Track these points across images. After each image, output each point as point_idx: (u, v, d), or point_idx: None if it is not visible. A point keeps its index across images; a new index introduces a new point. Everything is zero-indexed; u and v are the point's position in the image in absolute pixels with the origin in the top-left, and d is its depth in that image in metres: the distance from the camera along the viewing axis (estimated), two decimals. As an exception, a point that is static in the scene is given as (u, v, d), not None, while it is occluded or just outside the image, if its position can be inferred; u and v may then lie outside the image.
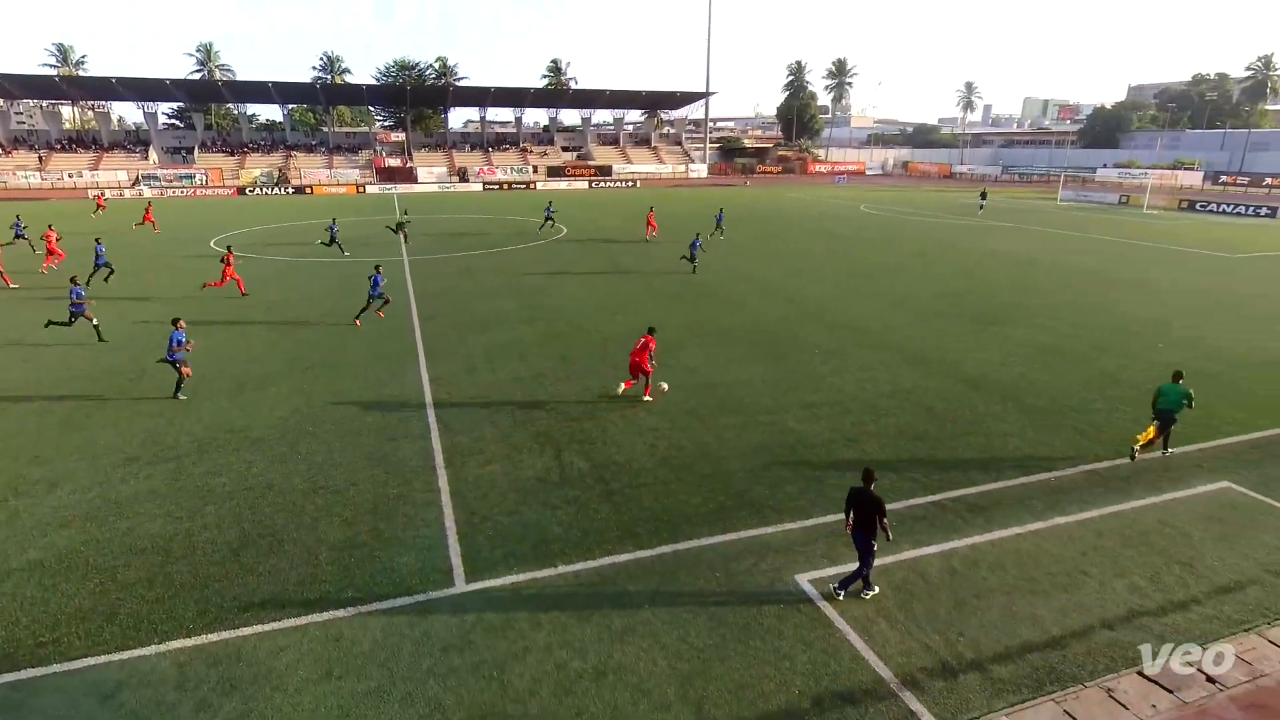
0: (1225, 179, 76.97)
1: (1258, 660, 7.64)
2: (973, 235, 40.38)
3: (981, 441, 12.77)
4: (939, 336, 19.42)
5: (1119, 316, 21.75)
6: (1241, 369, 16.79)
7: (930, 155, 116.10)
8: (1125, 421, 13.60)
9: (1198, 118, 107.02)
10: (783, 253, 33.67)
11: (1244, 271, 29.89)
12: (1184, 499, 10.82)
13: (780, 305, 23.06)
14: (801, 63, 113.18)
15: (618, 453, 12.34)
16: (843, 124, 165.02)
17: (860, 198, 66.60)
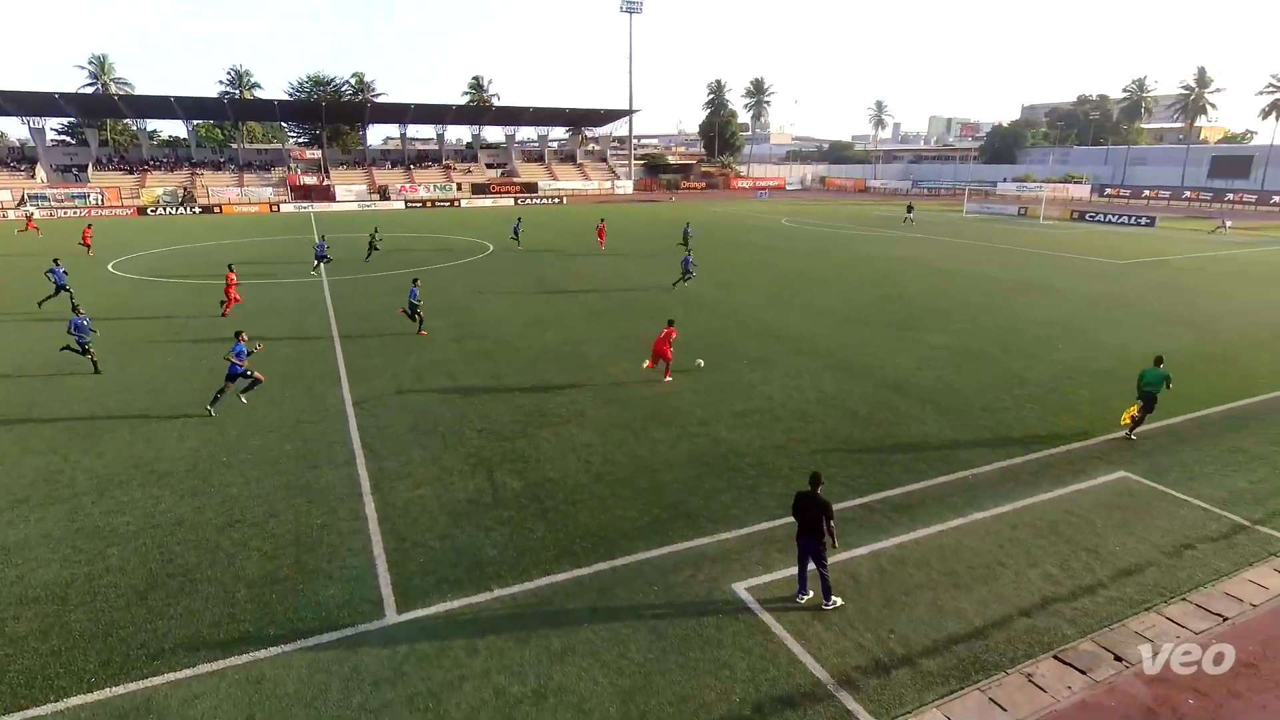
0: (1110, 191, 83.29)
1: (1158, 636, 8.19)
2: (889, 246, 42.18)
3: (904, 443, 13.29)
4: (861, 343, 20.15)
5: (1022, 320, 23.12)
6: (1132, 366, 18.04)
7: (846, 171, 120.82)
8: (1032, 419, 14.44)
9: (1084, 135, 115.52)
10: (709, 266, 34.26)
11: (1130, 276, 32.35)
12: (1087, 489, 11.54)
13: (708, 316, 23.43)
14: (721, 81, 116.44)
15: (551, 470, 12.22)
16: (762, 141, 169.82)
17: (782, 212, 68.61)
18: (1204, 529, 10.39)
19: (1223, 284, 30.16)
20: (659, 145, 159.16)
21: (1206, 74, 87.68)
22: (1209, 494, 11.38)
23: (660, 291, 27.96)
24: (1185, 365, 18.14)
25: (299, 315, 24.03)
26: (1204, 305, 25.65)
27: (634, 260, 36.39)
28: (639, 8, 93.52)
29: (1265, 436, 13.64)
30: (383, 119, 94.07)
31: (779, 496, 11.25)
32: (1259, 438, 13.58)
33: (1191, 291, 28.41)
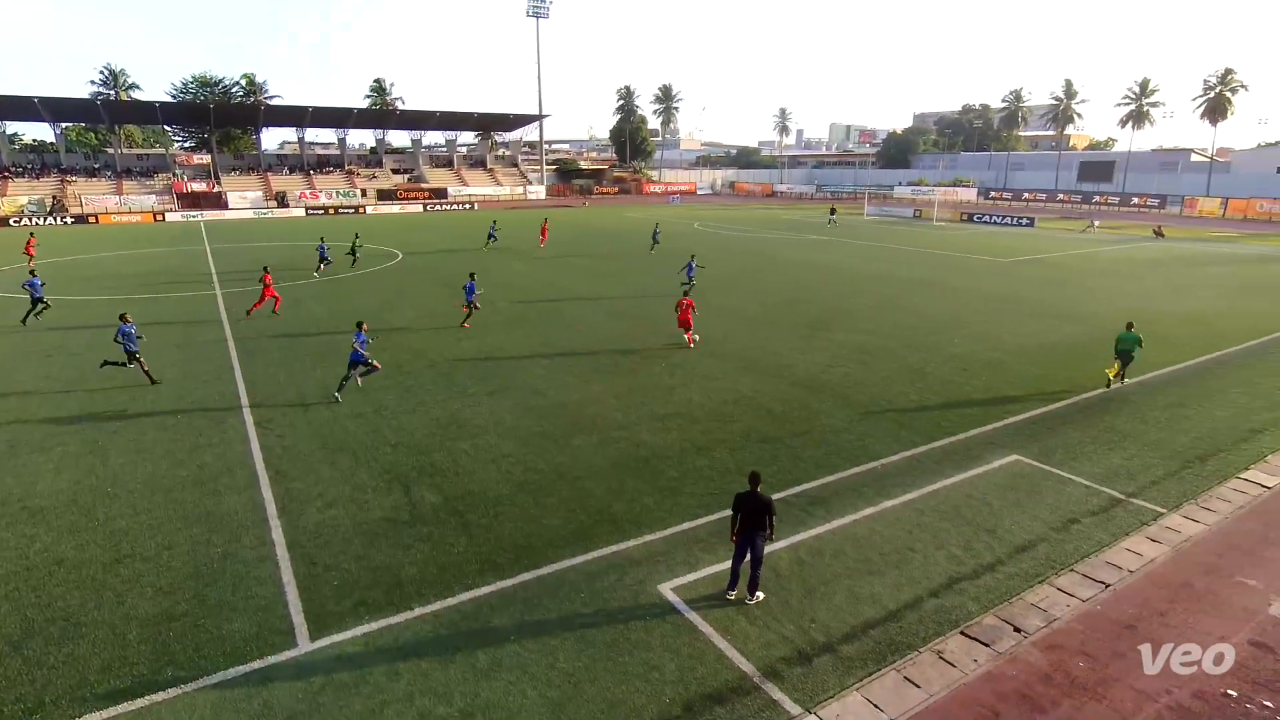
0: (994, 194, 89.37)
1: (1051, 606, 8.83)
2: (797, 249, 43.67)
3: (817, 439, 13.78)
4: (773, 343, 20.75)
5: (921, 316, 24.45)
6: (1020, 357, 19.48)
7: (754, 176, 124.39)
8: (933, 410, 15.28)
9: (969, 142, 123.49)
10: (622, 271, 34.46)
11: (1016, 273, 34.80)
12: (984, 473, 12.32)
13: (622, 322, 23.55)
14: (630, 88, 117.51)
15: (471, 482, 11.95)
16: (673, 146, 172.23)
17: (693, 216, 69.82)
18: (1086, 504, 11.29)
19: (1092, 279, 32.90)
20: (571, 150, 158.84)
21: (1073, 86, 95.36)
22: (1090, 471, 12.37)
23: (579, 298, 27.88)
24: (1062, 355, 19.68)
25: (192, 330, 22.51)
26: (1077, 299, 27.89)
27: (548, 264, 36.13)
28: (545, 13, 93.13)
29: (1135, 416, 14.96)
30: (279, 122, 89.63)
31: (701, 496, 11.42)
32: (1130, 417, 14.89)
33: (1066, 286, 30.83)
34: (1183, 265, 38.10)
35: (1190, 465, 12.66)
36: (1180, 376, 17.84)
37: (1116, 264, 38.13)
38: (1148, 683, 7.61)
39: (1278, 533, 10.55)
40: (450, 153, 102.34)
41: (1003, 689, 7.53)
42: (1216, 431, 14.17)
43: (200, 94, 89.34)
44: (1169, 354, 19.65)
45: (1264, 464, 12.73)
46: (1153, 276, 34.00)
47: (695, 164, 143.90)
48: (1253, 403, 15.87)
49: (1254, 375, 17.93)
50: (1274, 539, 10.39)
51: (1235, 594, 9.13)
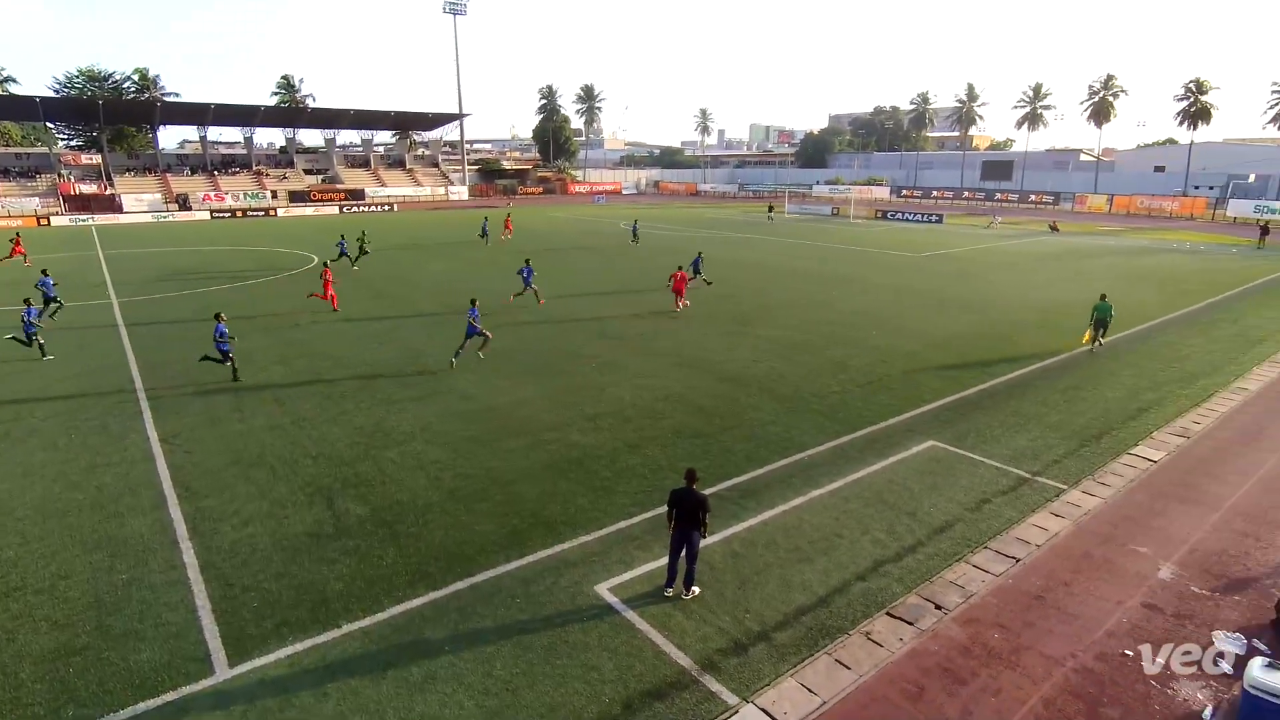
0: (905, 192, 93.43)
1: (968, 583, 9.32)
2: (721, 247, 44.42)
3: (746, 433, 14.07)
4: (701, 340, 21.05)
5: (841, 311, 25.33)
6: (932, 347, 20.44)
7: (678, 175, 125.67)
8: (855, 402, 15.85)
9: (882, 142, 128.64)
10: (548, 270, 34.20)
11: (927, 267, 36.50)
12: (904, 459, 12.88)
13: (550, 322, 23.39)
14: (553, 87, 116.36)
15: (399, 492, 11.61)
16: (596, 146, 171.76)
17: (619, 215, 69.96)
18: (997, 484, 11.97)
19: (995, 273, 34.88)
20: (493, 150, 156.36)
21: (974, 89, 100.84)
22: (999, 453, 13.12)
23: (501, 297, 27.50)
24: (971, 343, 20.78)
25: (87, 341, 20.95)
26: (983, 291, 29.51)
27: (474, 266, 35.48)
28: (462, 9, 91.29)
29: (1036, 400, 15.96)
30: (178, 120, 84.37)
31: (634, 495, 11.47)
32: (1032, 401, 15.87)
33: (973, 279, 32.58)
34: (1075, 258, 40.87)
35: (1087, 444, 13.60)
36: (1076, 361, 19.13)
37: (1017, 258, 40.54)
38: (1056, 648, 8.13)
39: (1163, 503, 11.48)
40: (367, 153, 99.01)
41: (926, 664, 7.90)
42: (1109, 412, 15.28)
43: (88, 89, 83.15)
44: (1065, 340, 21.04)
45: (1150, 440, 13.82)
46: (1049, 268, 36.33)
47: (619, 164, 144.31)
48: (1139, 383, 17.19)
49: (1139, 358, 19.42)
50: (1160, 509, 11.29)
51: (1129, 561, 9.88)
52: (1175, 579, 9.46)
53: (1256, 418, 15.15)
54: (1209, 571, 9.62)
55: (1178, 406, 15.61)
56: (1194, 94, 76.46)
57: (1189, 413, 15.28)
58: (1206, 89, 76.00)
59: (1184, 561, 9.84)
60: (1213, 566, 9.72)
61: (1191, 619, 8.64)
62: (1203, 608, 8.86)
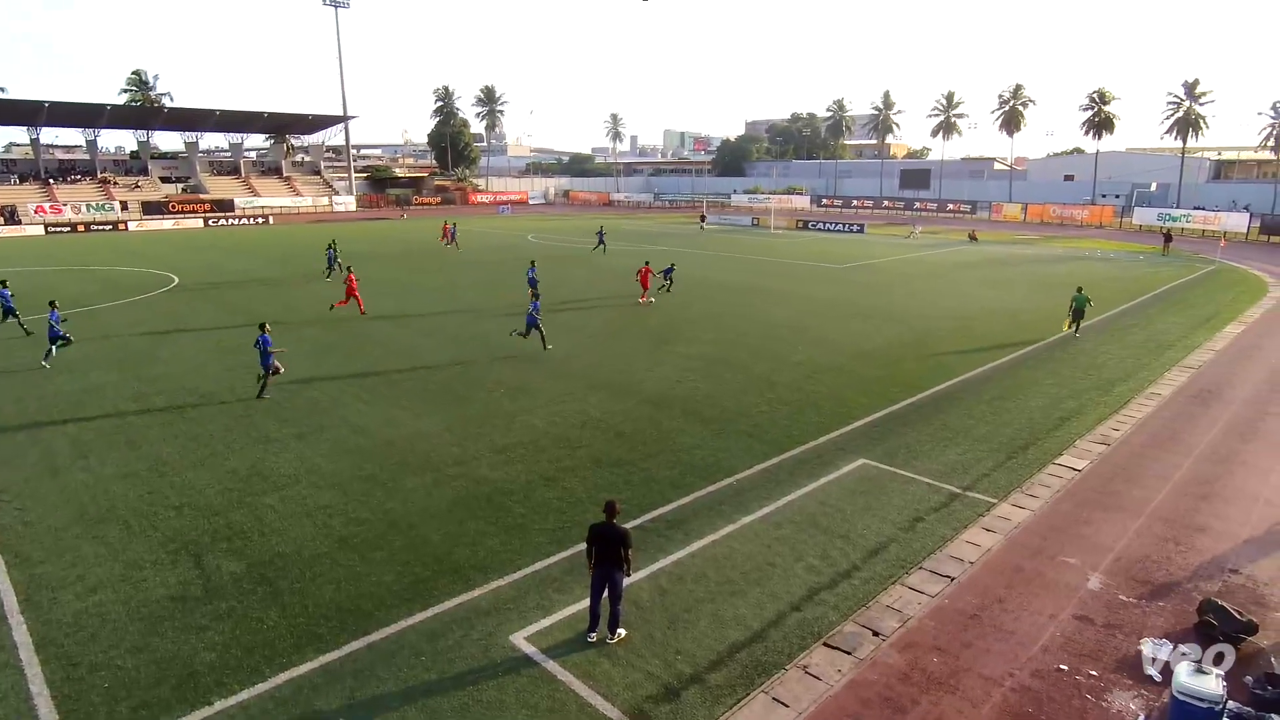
0: (826, 201, 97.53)
1: (904, 606, 9.67)
2: (637, 259, 44.88)
3: (671, 458, 14.16)
4: (619, 360, 21.14)
5: (764, 325, 26.04)
6: (859, 360, 21.30)
7: (590, 184, 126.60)
8: (783, 420, 16.26)
9: (800, 149, 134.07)
10: (445, 287, 33.62)
11: (850, 278, 38.12)
12: (835, 479, 13.29)
13: (451, 345, 22.94)
14: (450, 88, 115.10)
15: (281, 543, 11.00)
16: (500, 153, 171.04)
17: (526, 227, 69.72)
18: (929, 501, 12.52)
19: (917, 283, 36.83)
20: (384, 157, 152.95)
21: (890, 96, 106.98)
22: (929, 469, 13.75)
23: (397, 317, 26.75)
24: (896, 357, 21.79)
25: (-119, 385, 18.89)
26: (905, 302, 31.08)
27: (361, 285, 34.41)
28: (345, 2, 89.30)
29: (964, 413, 16.86)
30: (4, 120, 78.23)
31: (551, 532, 11.32)
32: (960, 414, 16.75)
33: (895, 290, 34.27)
34: (994, 267, 43.69)
35: (1014, 456, 14.46)
36: (999, 371, 20.38)
37: (939, 267, 42.95)
38: (994, 668, 8.54)
39: (1088, 512, 12.32)
40: (237, 158, 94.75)
41: (866, 695, 8.11)
42: (1033, 421, 16.33)
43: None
44: (988, 351, 22.39)
45: (1074, 449, 14.84)
46: (969, 277, 38.67)
47: (525, 172, 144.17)
48: (1060, 391, 18.47)
49: (1059, 366, 20.89)
50: (1085, 518, 12.11)
51: (1059, 573, 10.52)
52: (1103, 589, 10.14)
53: (1169, 422, 16.54)
54: (1134, 579, 10.36)
55: (1097, 414, 16.85)
56: (1097, 104, 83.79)
57: (1108, 420, 16.51)
58: (1109, 99, 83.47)
59: (1111, 570, 10.57)
60: (1138, 573, 10.49)
61: (1121, 628, 9.26)
62: (1131, 616, 9.52)
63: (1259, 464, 14.35)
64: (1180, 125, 78.82)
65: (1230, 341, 24.29)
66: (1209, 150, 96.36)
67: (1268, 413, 17.36)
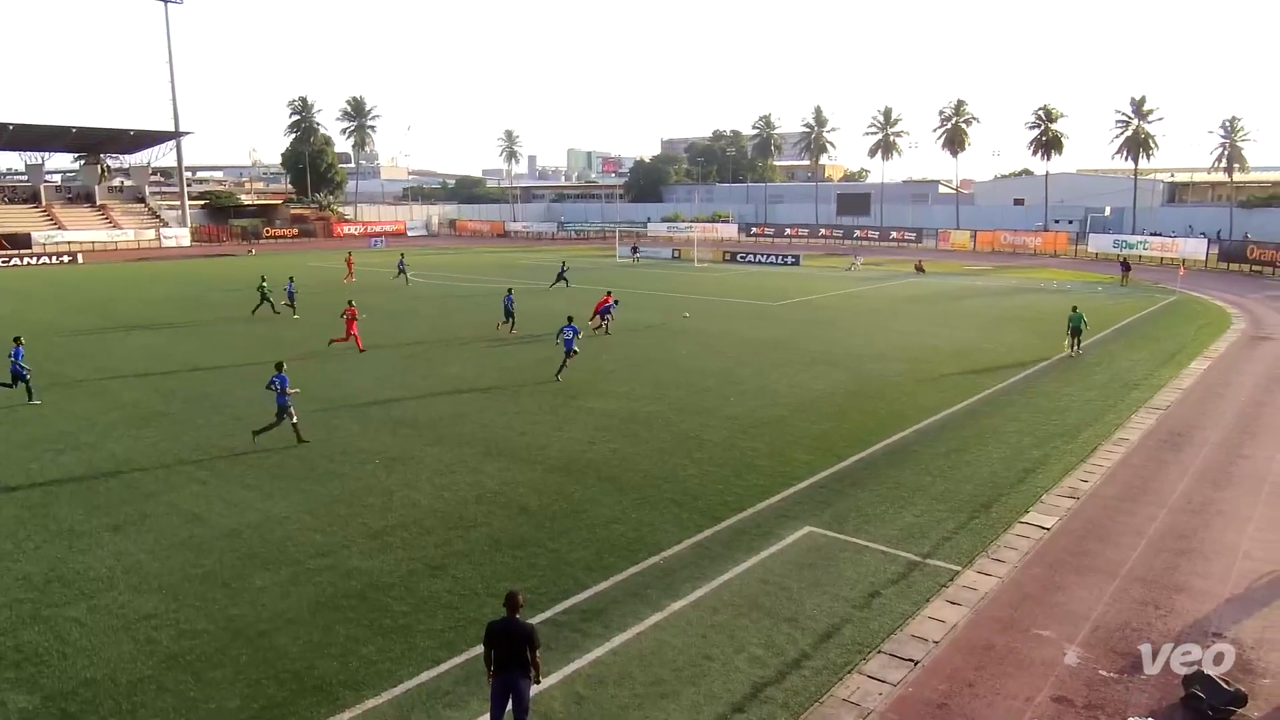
0: (755, 230, 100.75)
1: (863, 698, 9.76)
2: (538, 298, 45.00)
3: (585, 535, 14.02)
4: (518, 420, 20.94)
5: (690, 373, 26.41)
6: (800, 412, 21.81)
7: (480, 211, 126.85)
8: (716, 484, 16.40)
9: (724, 171, 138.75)
10: (305, 336, 32.69)
11: (787, 317, 39.25)
12: (778, 552, 13.43)
13: (310, 406, 22.19)
14: (309, 100, 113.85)
15: (90, 667, 10.21)
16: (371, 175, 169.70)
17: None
18: (885, 572, 12.80)
19: (861, 321, 38.30)
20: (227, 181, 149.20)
21: (822, 112, 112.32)
22: (884, 534, 14.09)
23: (239, 366, 25.75)
24: (841, 406, 22.45)
25: None
26: (848, 343, 32.23)
27: (191, 334, 33.05)
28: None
29: (919, 468, 17.45)
30: None
31: (441, 634, 10.96)
32: (915, 469, 17.32)
33: (837, 329, 35.53)
34: (944, 300, 45.92)
35: (977, 515, 15.02)
36: (956, 419, 21.26)
37: (883, 302, 44.80)
38: (967, 766, 8.68)
39: (1060, 575, 12.86)
40: (35, 183, 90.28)
41: (824, 810, 8.08)
42: (995, 475, 17.04)
43: None
44: (942, 396, 23.36)
45: (1041, 505, 15.55)
46: (918, 314, 40.47)
47: (403, 197, 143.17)
48: (1022, 440, 19.40)
49: (1019, 410, 21.99)
50: (1058, 583, 12.64)
51: (1033, 648, 10.89)
52: (1082, 664, 10.54)
53: (1140, 471, 17.58)
54: (1114, 650, 10.83)
55: (1063, 464, 17.75)
56: (1044, 122, 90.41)
57: (1075, 470, 17.42)
58: (1055, 116, 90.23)
59: (1088, 642, 11.01)
60: (1117, 644, 10.97)
61: (1104, 709, 9.62)
62: (1113, 694, 9.92)
63: (1236, 513, 15.38)
64: (1130, 145, 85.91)
65: (1197, 379, 26.18)
66: (1161, 172, 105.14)
67: (1240, 455, 18.69)
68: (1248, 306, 44.22)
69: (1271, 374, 27.43)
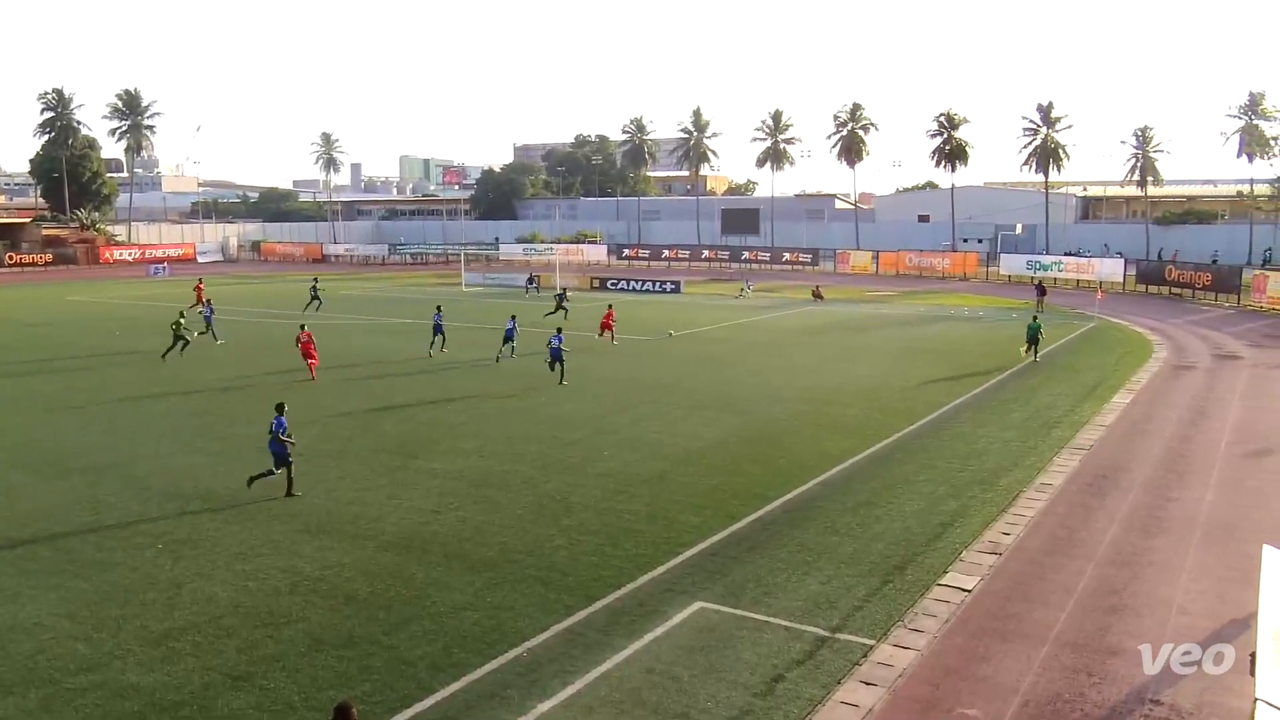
0: (628, 251, 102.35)
1: (769, 805, 9.83)
2: (362, 335, 44.11)
3: (430, 626, 13.67)
4: (342, 487, 20.38)
5: (554, 423, 26.38)
6: (686, 465, 22.08)
7: (292, 231, 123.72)
8: (589, 556, 16.35)
9: (589, 183, 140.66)
10: (62, 392, 30.86)
11: (668, 353, 39.90)
12: (664, 634, 13.45)
13: (69, 479, 21.03)
14: (66, 92, 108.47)
15: None
16: (150, 186, 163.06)
17: (187, 295, 66.06)
18: (790, 651, 13.02)
19: (755, 357, 39.38)
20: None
21: (702, 115, 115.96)
22: (787, 607, 14.36)
23: None
24: (735, 456, 22.93)
25: None
26: (740, 383, 33.11)
27: None
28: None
29: (825, 526, 17.95)
30: None
31: (246, 761, 10.38)
32: (819, 528, 17.81)
33: (728, 367, 36.42)
34: (846, 331, 47.84)
35: (890, 579, 15.54)
36: (864, 468, 22.06)
37: (778, 334, 46.25)
38: None
39: (985, 644, 13.44)
40: None
41: None
42: (909, 531, 17.73)
43: None
44: (848, 441, 24.21)
45: (960, 564, 16.25)
46: (818, 347, 42.05)
47: (192, 214, 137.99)
48: (937, 489, 20.30)
49: (932, 456, 23.03)
50: (982, 652, 13.19)
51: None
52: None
53: (1065, 520, 18.69)
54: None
55: (983, 516, 18.66)
56: (946, 129, 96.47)
57: (996, 521, 18.33)
58: (959, 123, 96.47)
59: (1018, 719, 11.52)
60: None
61: (1037, 795, 10.05)
62: (1047, 777, 10.38)
63: (1168, 563, 16.53)
64: (1040, 156, 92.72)
65: (1120, 414, 28.18)
66: (1074, 185, 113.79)
67: (1169, 498, 20.17)
68: (1169, 333, 48.14)
69: (1196, 406, 29.85)
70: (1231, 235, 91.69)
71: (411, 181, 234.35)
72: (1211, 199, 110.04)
